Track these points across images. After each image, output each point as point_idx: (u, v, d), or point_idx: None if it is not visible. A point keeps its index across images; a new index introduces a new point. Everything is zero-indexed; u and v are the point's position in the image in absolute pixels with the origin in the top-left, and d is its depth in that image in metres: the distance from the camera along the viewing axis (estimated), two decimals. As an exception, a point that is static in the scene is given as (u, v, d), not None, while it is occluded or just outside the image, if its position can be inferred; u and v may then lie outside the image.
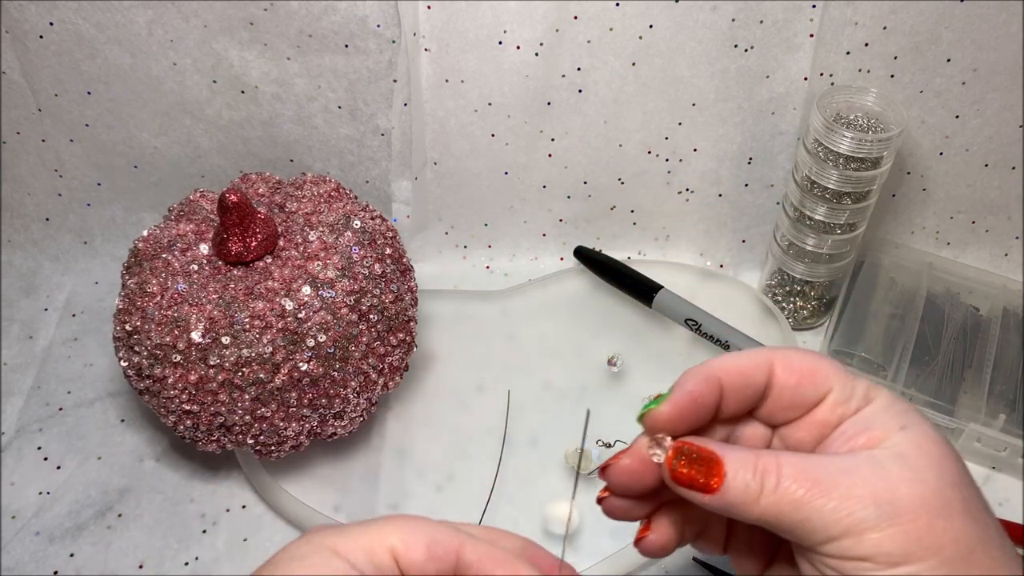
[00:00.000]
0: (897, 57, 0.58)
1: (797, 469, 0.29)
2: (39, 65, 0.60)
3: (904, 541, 0.27)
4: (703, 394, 0.32)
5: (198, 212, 0.54)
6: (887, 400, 0.32)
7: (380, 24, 0.57)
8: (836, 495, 0.28)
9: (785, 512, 0.29)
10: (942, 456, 0.30)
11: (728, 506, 0.30)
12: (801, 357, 0.33)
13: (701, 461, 0.30)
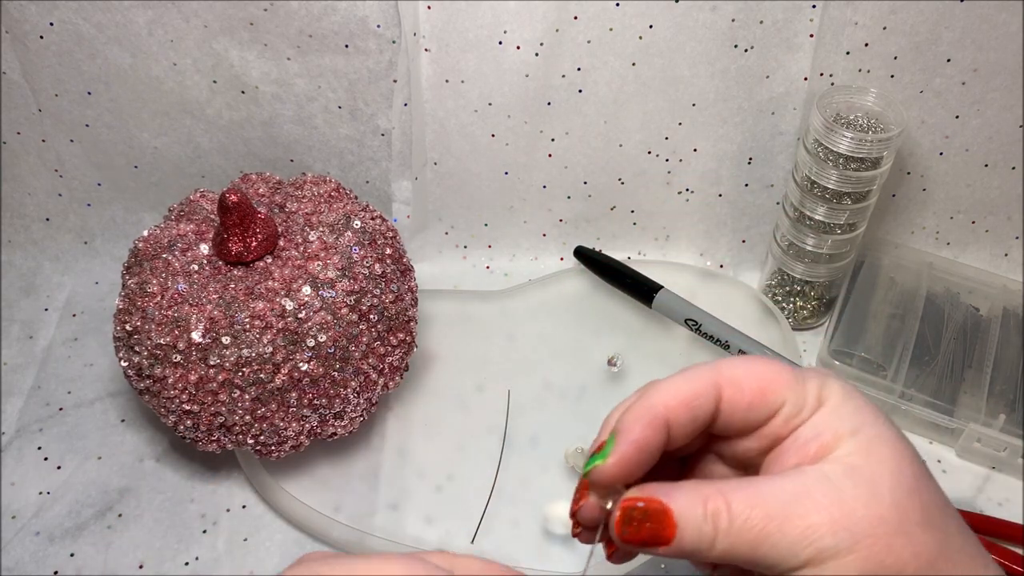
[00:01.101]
0: (897, 57, 0.58)
1: (747, 504, 0.28)
2: (39, 65, 0.60)
3: (865, 565, 0.27)
4: (649, 439, 0.30)
5: (198, 212, 0.54)
6: (838, 400, 0.30)
7: (380, 24, 0.57)
8: (791, 528, 0.27)
9: (742, 551, 0.28)
10: (897, 460, 0.29)
11: (684, 554, 0.29)
12: (750, 374, 0.31)
13: (649, 517, 0.29)
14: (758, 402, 0.31)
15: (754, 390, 0.31)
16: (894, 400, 0.57)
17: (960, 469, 0.57)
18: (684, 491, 0.29)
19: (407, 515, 0.53)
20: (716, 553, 0.28)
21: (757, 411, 0.31)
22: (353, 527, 0.51)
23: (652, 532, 0.29)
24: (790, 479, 0.29)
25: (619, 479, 0.30)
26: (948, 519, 0.29)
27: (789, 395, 0.30)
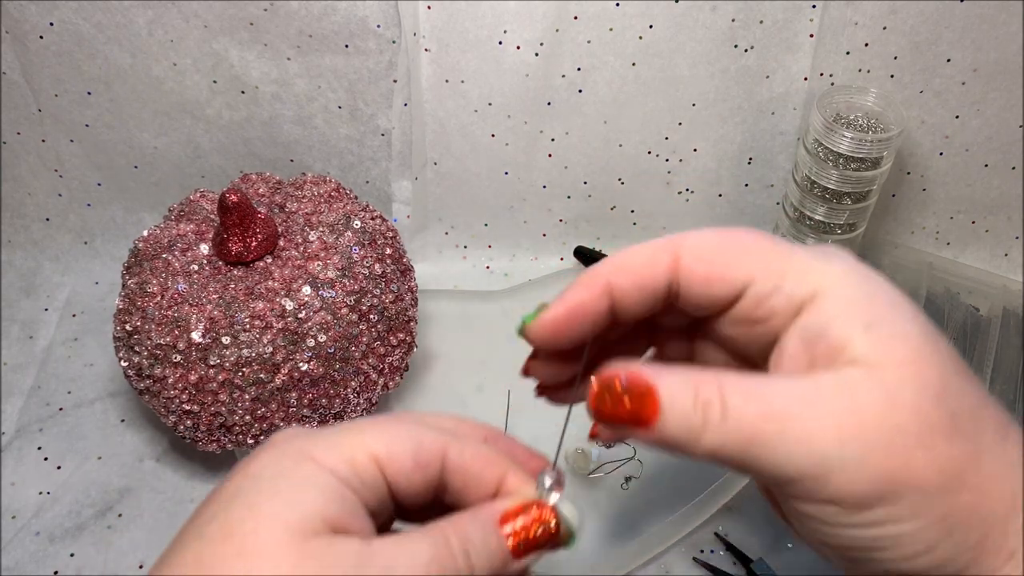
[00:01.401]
0: (897, 57, 0.58)
1: (744, 398, 0.24)
2: (39, 65, 0.60)
3: (875, 482, 0.23)
4: (584, 303, 0.28)
5: (198, 212, 0.54)
6: (844, 287, 0.26)
7: (380, 24, 0.57)
8: (791, 432, 0.24)
9: (732, 452, 0.25)
10: (921, 361, 0.25)
11: (667, 443, 0.26)
12: (708, 243, 0.27)
13: (630, 394, 0.26)
14: (716, 276, 0.27)
15: (709, 261, 0.27)
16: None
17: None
18: (676, 373, 0.26)
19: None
20: (703, 448, 0.25)
21: (716, 287, 0.27)
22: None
23: (631, 412, 0.26)
24: (797, 379, 0.25)
25: (554, 338, 0.29)
26: (982, 429, 0.25)
27: (756, 269, 0.27)
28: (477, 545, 0.27)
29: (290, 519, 0.25)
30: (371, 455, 0.27)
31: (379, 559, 0.25)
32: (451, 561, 0.26)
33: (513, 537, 0.28)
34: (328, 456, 0.27)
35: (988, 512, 0.25)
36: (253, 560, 0.24)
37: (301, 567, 0.24)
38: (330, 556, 0.25)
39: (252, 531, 0.25)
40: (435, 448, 0.28)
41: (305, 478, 0.26)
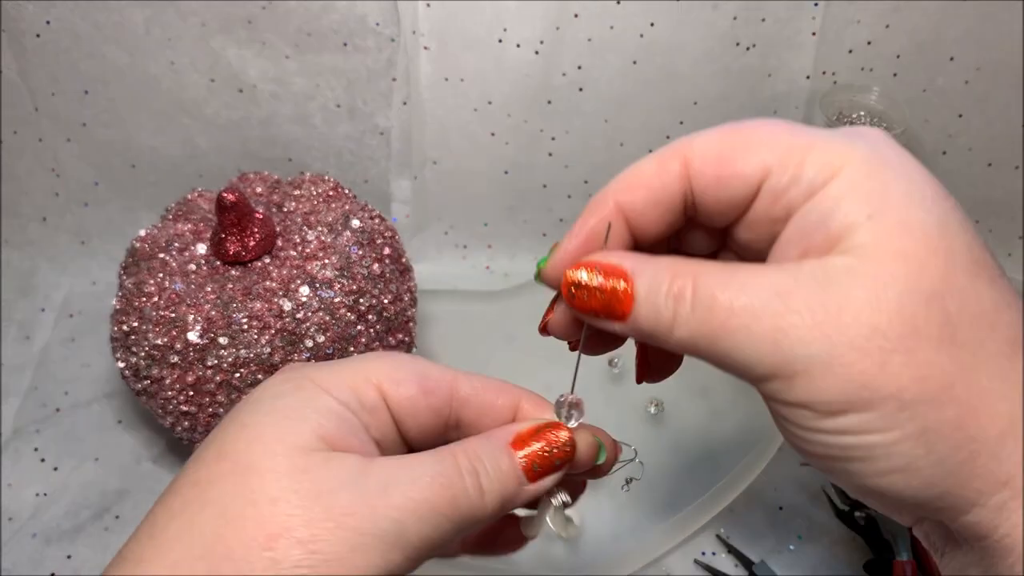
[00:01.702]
0: (900, 56, 0.58)
1: (715, 290, 0.23)
2: (36, 64, 0.59)
3: (844, 386, 0.22)
4: (599, 229, 0.26)
5: (196, 212, 0.54)
6: (859, 170, 0.23)
7: (379, 22, 0.57)
8: (759, 327, 0.22)
9: (702, 345, 0.23)
10: (926, 254, 0.22)
11: (640, 335, 0.25)
12: (719, 138, 0.25)
13: (604, 287, 0.25)
14: (727, 173, 0.24)
15: (719, 159, 0.25)
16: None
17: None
18: (653, 263, 0.25)
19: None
20: (675, 341, 0.24)
21: (730, 186, 0.24)
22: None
23: (605, 304, 0.25)
24: (777, 270, 0.23)
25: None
26: (989, 338, 0.22)
27: (772, 160, 0.24)
28: (487, 465, 0.26)
29: (284, 436, 0.24)
30: (374, 382, 0.27)
31: (377, 475, 0.24)
32: (458, 480, 0.25)
33: (526, 458, 0.27)
34: (329, 380, 0.26)
35: (977, 431, 0.22)
36: (246, 476, 0.24)
37: (295, 481, 0.24)
38: (324, 471, 0.24)
39: (245, 449, 0.24)
40: (441, 377, 0.28)
41: (303, 399, 0.26)
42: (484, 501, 0.26)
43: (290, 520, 0.23)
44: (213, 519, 0.23)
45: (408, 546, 0.24)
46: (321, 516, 0.23)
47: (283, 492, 0.23)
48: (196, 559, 0.23)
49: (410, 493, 0.24)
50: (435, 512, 0.24)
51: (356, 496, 0.24)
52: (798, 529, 0.52)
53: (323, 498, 0.23)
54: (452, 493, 0.25)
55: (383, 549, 0.23)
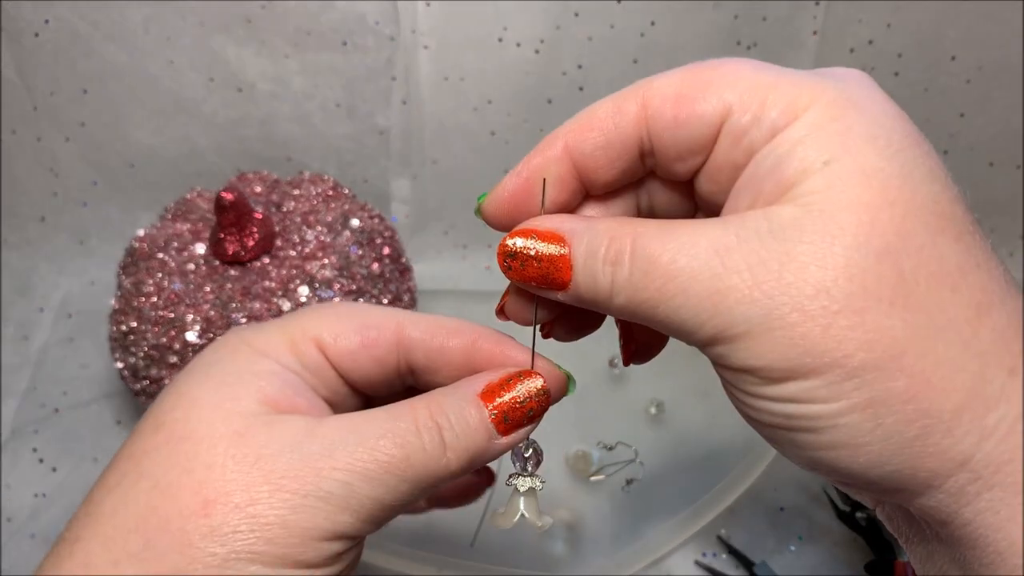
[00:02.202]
0: (901, 55, 0.58)
1: (651, 254, 0.21)
2: (35, 63, 0.59)
3: (786, 351, 0.20)
4: (543, 167, 0.25)
5: (195, 211, 0.54)
6: (823, 112, 0.21)
7: (379, 21, 0.57)
8: (697, 290, 0.20)
9: (640, 312, 0.22)
10: (881, 205, 0.20)
11: (582, 302, 0.23)
12: (679, 77, 0.23)
13: (541, 255, 0.23)
14: (684, 112, 0.22)
15: (678, 97, 0.23)
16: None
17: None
18: (593, 227, 0.23)
19: (406, 518, 0.53)
20: (616, 308, 0.22)
21: (687, 127, 0.22)
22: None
23: (543, 272, 0.23)
24: (719, 225, 0.21)
25: (507, 214, 0.26)
26: (949, 302, 0.20)
27: (733, 99, 0.22)
28: (452, 419, 0.24)
29: (222, 402, 0.24)
30: (312, 338, 0.26)
31: (323, 436, 0.23)
32: (413, 439, 0.24)
33: (497, 410, 0.25)
34: (266, 342, 0.25)
35: (930, 404, 0.20)
36: (182, 445, 0.23)
37: (233, 446, 0.23)
38: (265, 434, 0.23)
39: (182, 418, 0.24)
40: (385, 324, 0.26)
41: (241, 363, 0.25)
42: (447, 458, 0.24)
43: (227, 485, 0.22)
44: (147, 491, 0.23)
45: (360, 508, 0.23)
46: (259, 480, 0.22)
47: (220, 458, 0.23)
48: (130, 532, 0.22)
49: (357, 453, 0.23)
50: (387, 472, 0.23)
51: (298, 458, 0.23)
52: (799, 530, 0.51)
53: (263, 462, 0.23)
54: (406, 452, 0.23)
55: (329, 511, 0.22)
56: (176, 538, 0.22)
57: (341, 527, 0.23)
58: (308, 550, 0.22)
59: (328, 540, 0.23)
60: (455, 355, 0.27)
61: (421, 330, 0.26)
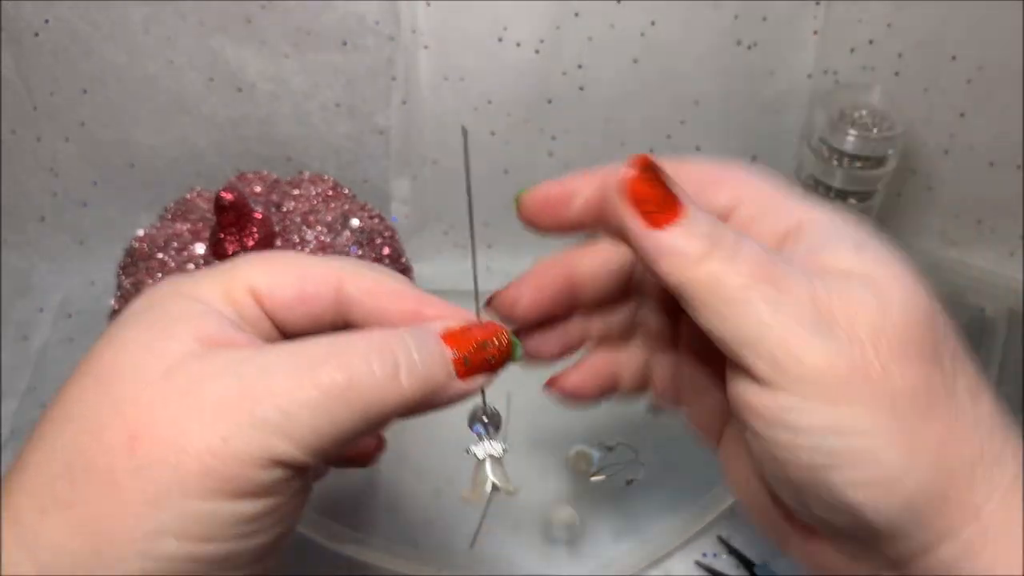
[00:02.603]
0: (902, 55, 0.57)
1: (755, 251, 0.23)
2: (34, 63, 0.59)
3: (845, 373, 0.22)
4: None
5: (194, 211, 0.54)
6: (827, 217, 0.25)
7: (379, 21, 0.57)
8: (781, 288, 0.22)
9: (715, 289, 0.23)
10: (914, 284, 0.24)
11: (663, 255, 0.23)
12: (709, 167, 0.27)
13: (659, 191, 0.24)
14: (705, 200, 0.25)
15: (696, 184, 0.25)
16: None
17: (966, 471, 0.56)
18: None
19: (406, 519, 0.52)
20: (689, 274, 0.23)
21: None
22: (351, 531, 0.51)
23: (659, 201, 0.24)
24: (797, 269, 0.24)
25: (547, 214, 0.28)
26: (960, 369, 0.24)
27: (744, 197, 0.26)
28: (411, 346, 0.24)
29: (153, 342, 0.23)
30: (247, 288, 0.25)
31: (260, 360, 0.22)
32: (359, 363, 0.22)
33: (457, 350, 0.25)
34: (199, 289, 0.24)
35: (955, 453, 0.22)
36: (110, 385, 0.22)
37: (163, 380, 0.22)
38: (198, 365, 0.22)
39: (111, 360, 0.23)
40: (324, 279, 0.25)
41: (174, 307, 0.24)
42: (400, 383, 0.23)
43: (154, 419, 0.21)
44: (73, 435, 0.22)
45: (299, 436, 0.22)
46: (188, 411, 0.21)
47: (148, 394, 0.22)
48: (56, 478, 0.21)
49: (296, 377, 0.22)
50: (329, 398, 0.22)
51: (232, 384, 0.22)
52: (800, 530, 0.51)
53: (193, 392, 0.21)
54: (350, 376, 0.22)
55: (263, 438, 0.21)
56: (103, 478, 0.21)
57: (278, 454, 0.21)
58: (242, 479, 0.21)
59: (264, 468, 0.21)
60: (394, 319, 0.26)
61: (361, 290, 0.26)
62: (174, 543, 0.21)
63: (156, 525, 0.20)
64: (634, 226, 0.24)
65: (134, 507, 0.21)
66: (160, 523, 0.20)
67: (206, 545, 0.21)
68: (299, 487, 0.23)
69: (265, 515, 0.22)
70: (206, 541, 0.21)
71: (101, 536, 0.20)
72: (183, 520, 0.21)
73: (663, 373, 0.32)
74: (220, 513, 0.21)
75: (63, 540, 0.21)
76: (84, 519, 0.21)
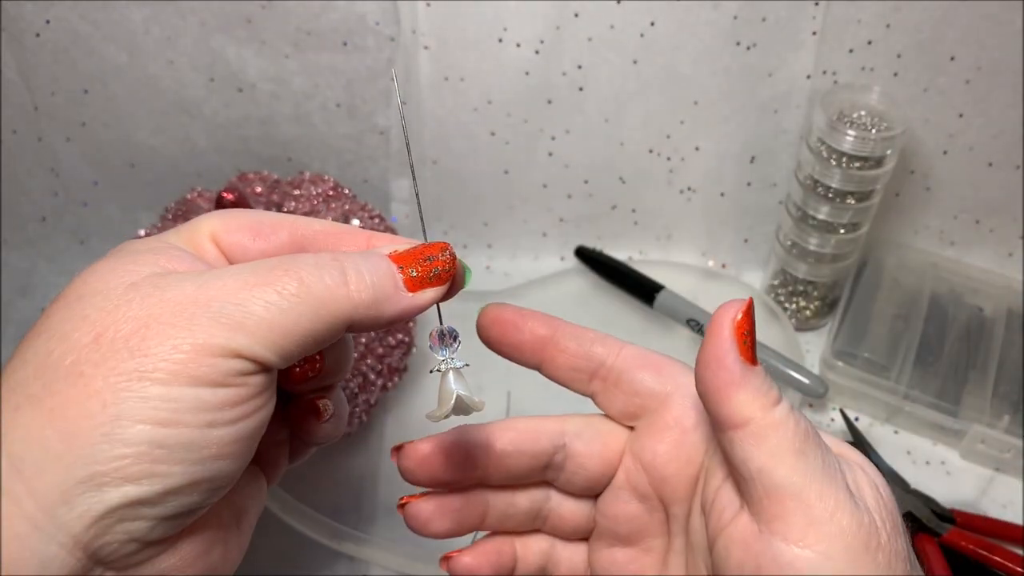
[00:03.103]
0: (900, 55, 0.58)
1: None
2: (35, 63, 0.59)
3: (865, 539, 0.24)
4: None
5: (195, 211, 0.54)
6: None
7: (379, 21, 0.57)
8: (826, 448, 0.25)
9: (781, 433, 0.25)
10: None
11: (747, 388, 0.25)
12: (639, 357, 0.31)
13: (753, 331, 0.27)
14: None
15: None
16: (898, 401, 0.56)
17: (964, 471, 0.56)
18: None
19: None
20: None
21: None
22: (351, 530, 0.51)
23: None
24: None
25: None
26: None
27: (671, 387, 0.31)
28: (358, 260, 0.25)
29: (120, 267, 0.24)
30: (208, 234, 0.26)
31: (218, 270, 0.24)
32: (312, 270, 0.24)
33: (403, 263, 0.26)
34: (166, 237, 0.26)
35: None
36: (80, 301, 0.23)
37: (128, 291, 0.23)
38: (161, 279, 0.24)
39: (80, 282, 0.24)
40: (278, 223, 0.27)
41: (139, 245, 0.26)
42: (348, 290, 0.25)
43: (117, 319, 0.23)
44: (45, 341, 0.23)
45: (256, 328, 0.23)
46: (150, 310, 0.23)
47: (113, 302, 0.23)
48: (29, 379, 0.23)
49: (250, 278, 0.23)
50: (279, 294, 0.23)
51: (190, 287, 0.23)
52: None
53: (154, 295, 0.23)
54: (300, 279, 0.24)
55: (221, 329, 0.23)
56: (69, 371, 0.22)
57: (236, 344, 0.23)
58: (203, 366, 0.22)
59: (224, 357, 0.23)
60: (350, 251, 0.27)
61: (315, 230, 0.27)
62: (139, 428, 0.22)
63: (120, 410, 0.22)
64: (732, 355, 0.25)
65: (99, 394, 0.22)
66: (125, 408, 0.22)
67: (170, 431, 0.22)
68: (260, 384, 0.24)
69: (227, 406, 0.23)
70: (170, 426, 0.22)
71: (68, 423, 0.22)
72: (147, 404, 0.22)
73: (568, 566, 0.33)
74: (183, 398, 0.22)
75: (33, 430, 0.22)
76: (53, 408, 0.22)
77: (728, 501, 0.26)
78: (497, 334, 0.32)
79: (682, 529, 0.30)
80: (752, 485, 0.25)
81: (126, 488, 0.22)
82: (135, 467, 0.22)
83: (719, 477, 0.27)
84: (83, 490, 0.21)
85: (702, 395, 0.26)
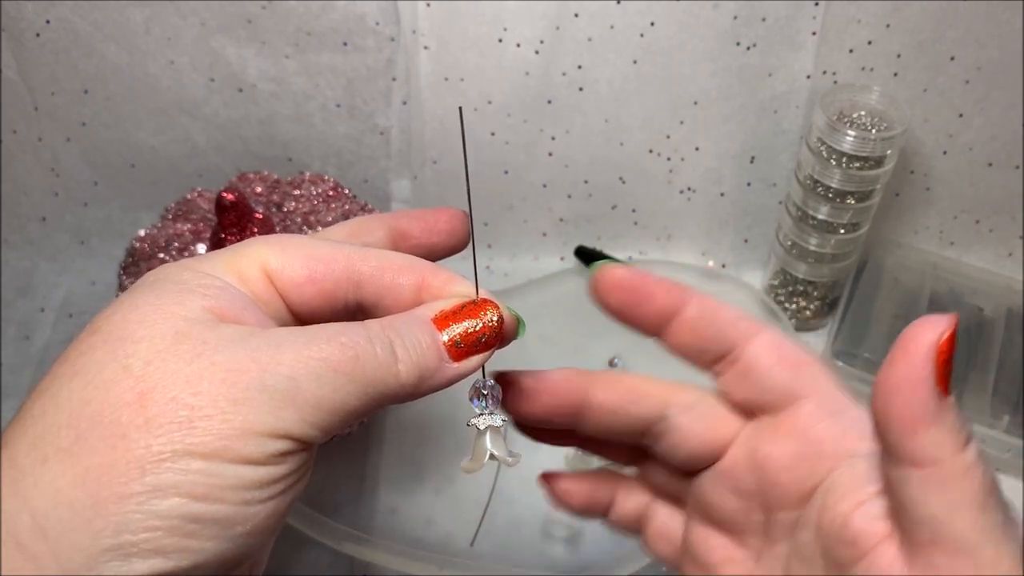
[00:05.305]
0: (900, 55, 0.58)
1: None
2: (36, 64, 0.59)
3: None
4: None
5: (195, 211, 0.54)
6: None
7: (379, 22, 0.57)
8: None
9: (959, 466, 0.22)
10: None
11: (942, 422, 0.23)
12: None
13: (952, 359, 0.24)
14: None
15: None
16: (898, 401, 0.56)
17: (964, 471, 0.56)
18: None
19: (406, 518, 0.53)
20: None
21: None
22: (352, 530, 0.51)
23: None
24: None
25: (622, 296, 0.30)
26: None
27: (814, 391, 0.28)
28: (403, 334, 0.24)
29: (165, 306, 0.23)
30: (259, 266, 0.25)
31: (269, 336, 0.22)
32: (364, 344, 0.23)
33: (449, 333, 0.25)
34: (212, 266, 0.24)
35: None
36: (120, 344, 0.22)
37: (174, 344, 0.22)
38: (209, 333, 0.22)
39: (120, 320, 0.23)
40: (334, 258, 0.26)
41: (186, 278, 0.24)
42: (398, 368, 0.24)
43: (165, 378, 0.21)
44: (81, 388, 0.21)
45: (305, 405, 0.22)
46: (199, 373, 0.21)
47: (160, 355, 0.22)
48: (60, 428, 0.21)
49: (304, 351, 0.22)
50: (334, 371, 0.22)
51: (242, 352, 0.22)
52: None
53: (204, 356, 0.22)
54: (355, 354, 0.23)
55: (272, 406, 0.22)
56: (109, 430, 0.21)
57: (284, 424, 0.22)
58: (249, 444, 0.21)
59: (270, 437, 0.22)
60: (405, 291, 0.27)
61: (371, 266, 0.26)
62: (176, 500, 0.21)
63: (160, 480, 0.20)
64: (929, 384, 0.22)
65: (140, 461, 0.20)
66: (164, 479, 0.20)
67: (206, 506, 0.21)
68: (300, 463, 0.23)
69: (266, 485, 0.22)
70: (206, 501, 0.21)
71: (103, 487, 0.20)
72: (187, 477, 0.21)
73: (662, 530, 0.32)
74: (224, 475, 0.21)
75: (63, 489, 0.20)
76: (87, 468, 0.20)
77: (868, 528, 0.24)
78: (618, 301, 0.29)
79: (785, 536, 0.27)
80: (919, 529, 0.22)
81: (154, 560, 0.20)
82: (166, 540, 0.20)
83: (851, 501, 0.25)
84: (110, 558, 0.20)
85: (880, 420, 0.23)
